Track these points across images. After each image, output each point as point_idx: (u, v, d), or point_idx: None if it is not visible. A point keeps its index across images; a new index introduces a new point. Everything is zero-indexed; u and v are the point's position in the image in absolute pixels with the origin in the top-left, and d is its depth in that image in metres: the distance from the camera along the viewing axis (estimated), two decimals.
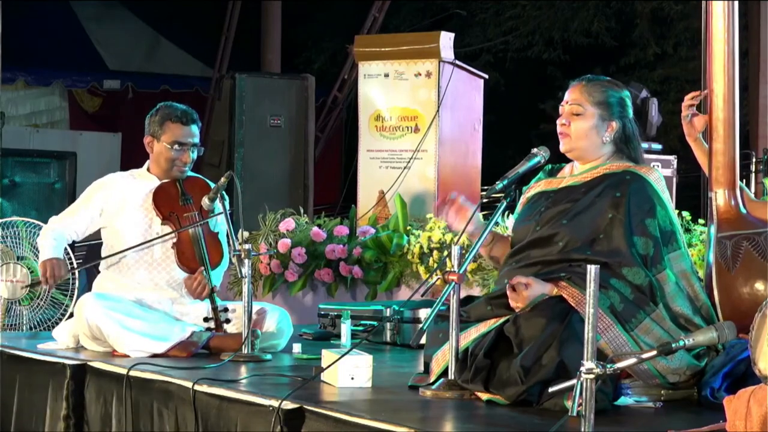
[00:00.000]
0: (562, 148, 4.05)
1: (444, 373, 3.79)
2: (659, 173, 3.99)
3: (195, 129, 5.16)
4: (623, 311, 3.69)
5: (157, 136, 5.13)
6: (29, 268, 5.97)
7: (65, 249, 5.62)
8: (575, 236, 3.86)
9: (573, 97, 4.01)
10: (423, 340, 4.07)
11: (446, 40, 7.02)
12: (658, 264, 3.82)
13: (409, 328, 5.45)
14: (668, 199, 3.95)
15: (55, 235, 5.14)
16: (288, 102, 8.32)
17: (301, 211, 7.15)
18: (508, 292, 3.75)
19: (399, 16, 14.29)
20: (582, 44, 14.15)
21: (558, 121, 4.04)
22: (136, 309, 4.91)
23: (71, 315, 5.50)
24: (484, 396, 3.65)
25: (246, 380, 4.06)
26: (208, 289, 4.96)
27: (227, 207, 4.98)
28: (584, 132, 3.99)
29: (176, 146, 5.10)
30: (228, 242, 5.00)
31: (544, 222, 3.97)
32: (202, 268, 4.99)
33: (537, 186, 4.16)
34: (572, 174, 4.08)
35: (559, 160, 4.15)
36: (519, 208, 4.20)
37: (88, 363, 4.52)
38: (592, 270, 3.02)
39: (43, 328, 5.88)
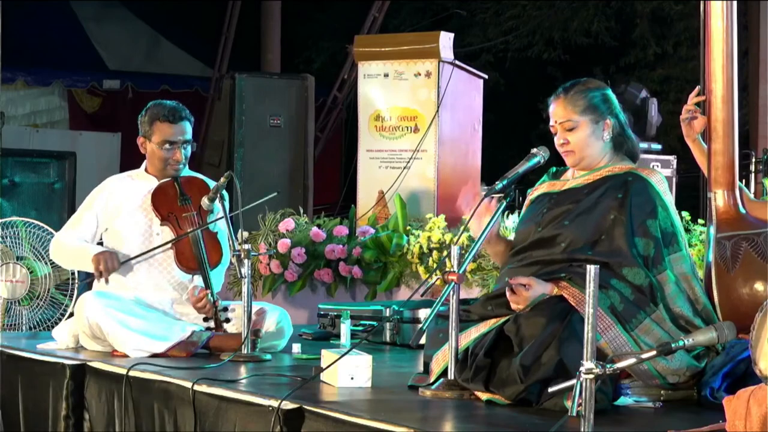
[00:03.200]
0: (569, 163, 4.05)
1: (444, 372, 3.79)
2: (662, 175, 3.99)
3: (185, 125, 5.12)
4: (623, 311, 3.69)
5: (148, 136, 5.13)
6: (29, 268, 5.97)
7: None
8: (577, 237, 3.86)
9: (559, 113, 3.99)
10: (423, 340, 4.07)
11: (446, 40, 7.02)
12: (659, 265, 3.82)
13: (408, 328, 5.45)
14: (671, 200, 3.95)
15: (78, 239, 5.11)
16: (288, 102, 8.32)
17: (301, 211, 7.15)
18: (507, 294, 3.75)
19: (399, 16, 14.28)
20: (582, 44, 14.15)
21: (556, 142, 4.03)
22: (137, 308, 4.91)
23: (71, 315, 5.50)
24: (484, 396, 3.65)
25: (245, 380, 4.06)
26: (212, 310, 4.91)
27: (227, 206, 4.98)
28: (585, 142, 3.98)
29: (166, 145, 5.10)
30: (228, 242, 4.99)
31: (545, 223, 3.97)
32: (208, 291, 4.94)
33: (540, 188, 4.17)
34: (575, 177, 4.08)
35: (558, 160, 4.15)
36: (523, 209, 4.20)
37: (88, 363, 4.52)
38: (591, 270, 3.02)
39: (43, 328, 5.88)
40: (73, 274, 5.96)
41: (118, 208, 5.14)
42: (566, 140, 3.98)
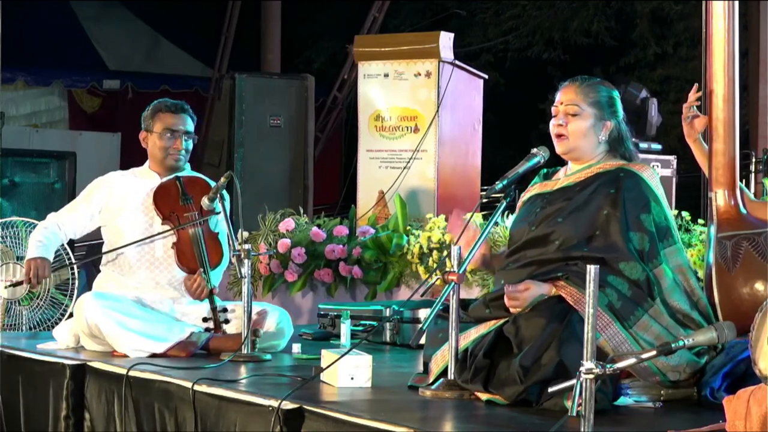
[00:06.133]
0: (559, 149, 4.04)
1: (443, 373, 3.79)
2: (653, 170, 4.01)
3: (186, 118, 5.18)
4: (621, 308, 3.69)
5: (150, 128, 5.18)
6: None
7: (63, 247, 5.62)
8: (571, 234, 3.87)
9: (568, 97, 4.01)
10: (422, 340, 4.07)
11: (446, 40, 7.02)
12: (654, 259, 3.84)
13: (408, 328, 5.45)
14: (662, 195, 3.96)
15: (47, 234, 5.13)
16: (288, 102, 8.32)
17: (301, 211, 7.15)
18: (505, 299, 3.75)
19: (399, 16, 14.29)
20: (582, 44, 14.16)
21: (553, 122, 4.03)
22: (136, 309, 4.91)
23: (71, 315, 5.50)
24: (484, 396, 3.65)
25: (245, 380, 4.06)
26: (206, 290, 4.96)
27: (227, 207, 4.98)
28: (582, 132, 3.99)
29: (167, 134, 5.13)
30: (228, 242, 5.00)
31: (539, 222, 3.98)
32: (202, 270, 4.99)
33: (533, 189, 4.18)
34: (567, 174, 4.09)
35: (557, 161, 4.16)
36: (516, 211, 4.21)
37: (88, 363, 4.52)
38: (591, 270, 3.02)
39: (43, 328, 5.87)
40: (73, 274, 5.96)
41: (120, 205, 5.14)
42: (565, 123, 3.98)
